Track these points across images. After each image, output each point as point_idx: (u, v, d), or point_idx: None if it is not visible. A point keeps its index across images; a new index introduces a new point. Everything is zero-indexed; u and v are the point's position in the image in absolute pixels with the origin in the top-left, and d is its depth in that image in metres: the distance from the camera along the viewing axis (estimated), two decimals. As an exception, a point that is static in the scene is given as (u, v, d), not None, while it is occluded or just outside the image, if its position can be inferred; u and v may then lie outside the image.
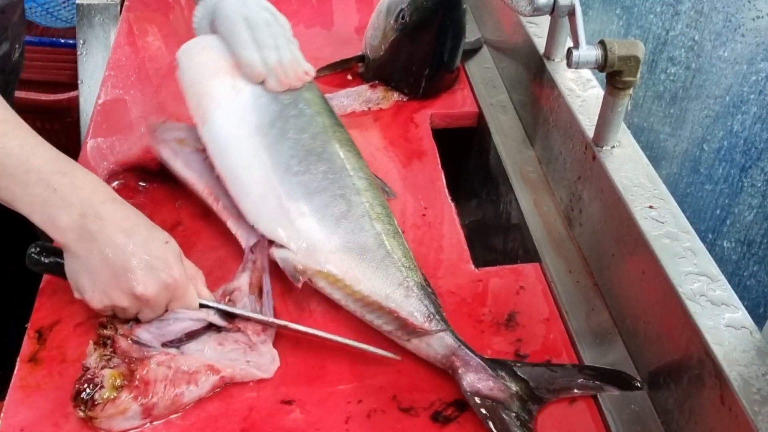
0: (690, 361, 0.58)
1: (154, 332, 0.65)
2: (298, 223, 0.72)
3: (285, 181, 0.74)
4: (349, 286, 0.69)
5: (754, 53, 0.97)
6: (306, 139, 0.77)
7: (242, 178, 0.75)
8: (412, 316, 0.66)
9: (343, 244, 0.71)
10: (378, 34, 1.01)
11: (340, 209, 0.73)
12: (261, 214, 0.73)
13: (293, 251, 0.71)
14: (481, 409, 0.62)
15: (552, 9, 0.78)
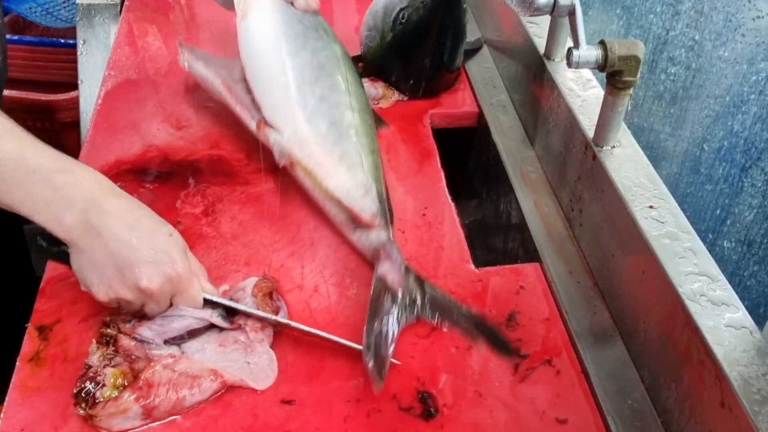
0: (690, 361, 0.58)
1: (157, 329, 0.65)
2: (296, 116, 0.84)
3: (296, 81, 0.86)
4: (319, 180, 0.81)
5: (754, 53, 0.97)
6: (321, 57, 0.89)
7: (262, 68, 0.88)
8: (363, 212, 0.78)
9: (326, 146, 0.82)
10: (375, 35, 1.01)
11: (334, 117, 0.85)
12: (268, 100, 0.86)
13: (284, 137, 0.83)
14: (374, 290, 0.71)
15: (552, 9, 0.78)
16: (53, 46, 1.62)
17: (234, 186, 0.86)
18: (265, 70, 0.87)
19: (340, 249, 0.79)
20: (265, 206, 0.84)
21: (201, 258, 0.77)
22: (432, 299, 0.73)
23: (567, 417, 0.64)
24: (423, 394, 0.65)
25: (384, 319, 0.68)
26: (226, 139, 0.94)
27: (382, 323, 0.68)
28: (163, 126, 0.95)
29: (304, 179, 0.82)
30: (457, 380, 0.66)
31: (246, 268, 0.76)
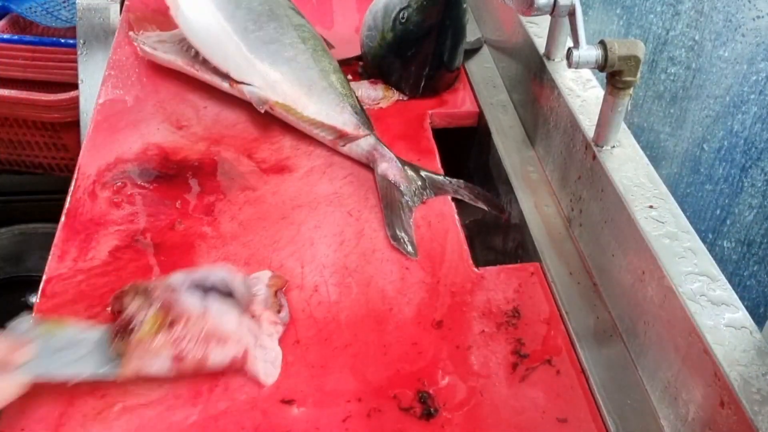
0: (690, 360, 0.59)
1: (185, 278, 0.67)
2: (259, 67, 0.93)
3: (245, 39, 0.95)
4: (299, 112, 0.91)
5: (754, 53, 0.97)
6: (255, 6, 0.98)
7: (212, 44, 0.96)
8: (345, 126, 0.89)
9: (294, 80, 0.93)
10: (375, 35, 1.01)
11: (290, 53, 0.95)
12: (230, 65, 0.95)
13: (258, 87, 0.93)
14: (381, 188, 0.85)
15: (552, 9, 0.78)
16: (53, 45, 1.62)
17: (234, 185, 0.86)
18: (214, 43, 0.95)
19: (340, 249, 0.79)
20: (265, 206, 0.84)
21: (200, 258, 0.77)
22: (431, 180, 0.87)
23: (567, 416, 0.64)
24: (423, 394, 0.65)
25: (398, 209, 0.82)
26: (226, 138, 0.94)
27: (397, 213, 0.82)
28: (164, 126, 0.95)
29: (287, 116, 0.92)
30: (457, 380, 0.66)
31: (246, 267, 0.76)
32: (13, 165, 1.66)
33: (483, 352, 0.69)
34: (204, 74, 0.98)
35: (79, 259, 0.76)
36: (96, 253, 0.77)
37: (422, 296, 0.74)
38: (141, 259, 0.77)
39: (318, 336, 0.70)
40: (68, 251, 0.77)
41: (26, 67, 1.64)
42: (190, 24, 0.97)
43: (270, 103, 0.92)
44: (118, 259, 0.77)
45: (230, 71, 0.95)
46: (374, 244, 0.80)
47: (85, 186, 0.85)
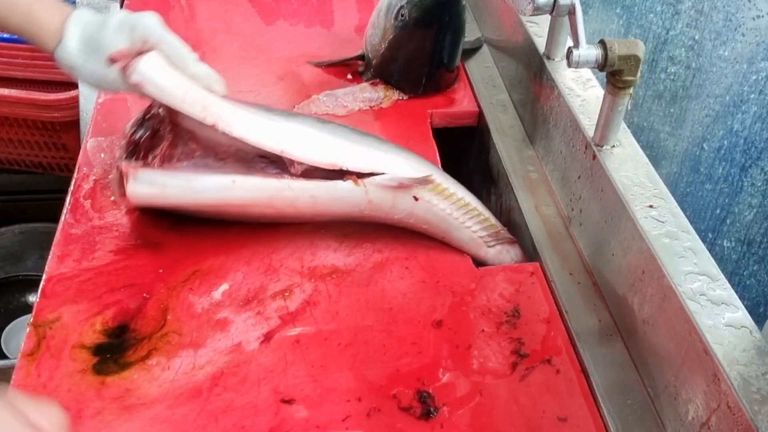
0: (690, 360, 0.59)
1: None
2: (382, 154, 0.77)
3: (324, 129, 0.77)
4: (453, 194, 0.77)
5: (754, 52, 0.97)
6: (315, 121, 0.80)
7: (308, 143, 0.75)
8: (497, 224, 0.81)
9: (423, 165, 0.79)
10: (378, 32, 1.01)
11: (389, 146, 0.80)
12: (345, 159, 0.74)
13: (392, 170, 0.75)
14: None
15: (552, 8, 0.78)
16: (53, 45, 1.62)
17: (234, 185, 0.86)
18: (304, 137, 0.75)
19: (339, 249, 0.79)
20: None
21: (200, 258, 0.77)
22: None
23: (567, 416, 0.64)
24: (423, 394, 0.65)
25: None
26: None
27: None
28: (163, 125, 0.95)
29: (433, 198, 0.76)
30: (456, 380, 0.66)
31: (246, 267, 0.76)
32: (12, 164, 1.66)
33: (483, 351, 0.69)
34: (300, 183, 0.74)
35: (79, 258, 0.76)
36: (96, 252, 0.77)
37: (422, 296, 0.74)
38: (141, 258, 0.77)
39: (318, 335, 0.70)
40: (68, 251, 0.77)
41: (26, 67, 1.64)
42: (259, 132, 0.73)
43: (430, 182, 0.75)
44: (118, 259, 0.77)
45: (349, 164, 0.73)
46: (375, 243, 0.80)
47: (85, 185, 0.85)
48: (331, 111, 0.99)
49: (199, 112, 0.72)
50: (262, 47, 1.13)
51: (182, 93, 0.72)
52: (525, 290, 0.75)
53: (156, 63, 0.72)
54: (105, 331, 0.69)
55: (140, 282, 0.74)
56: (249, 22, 1.20)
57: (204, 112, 0.72)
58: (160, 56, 0.73)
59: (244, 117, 0.74)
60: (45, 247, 0.78)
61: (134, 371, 0.66)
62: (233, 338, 0.69)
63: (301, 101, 1.00)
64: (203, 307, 0.72)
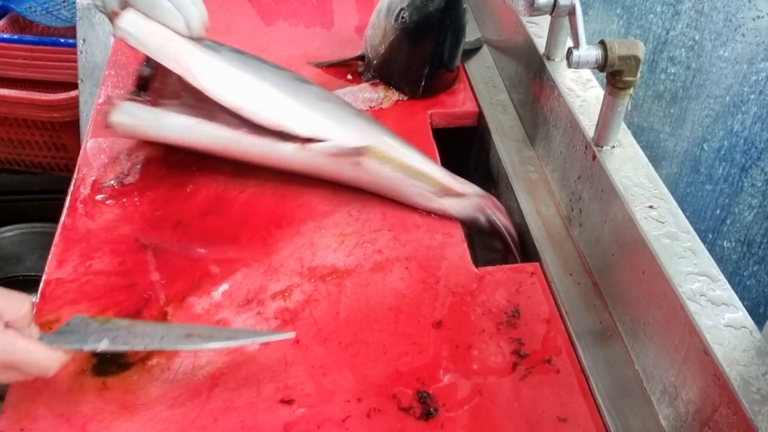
0: (690, 360, 0.59)
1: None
2: (327, 117, 0.81)
3: (295, 95, 0.82)
4: (397, 158, 0.81)
5: (754, 53, 0.97)
6: (278, 71, 0.86)
7: (261, 100, 0.81)
8: (444, 178, 0.83)
9: (375, 131, 0.83)
10: (378, 33, 1.01)
11: (352, 110, 0.86)
12: (292, 121, 0.80)
13: (338, 139, 0.80)
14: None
15: (552, 9, 0.78)
16: (53, 45, 1.62)
17: (235, 184, 0.86)
18: (263, 99, 0.81)
19: (339, 249, 0.79)
20: (266, 205, 0.84)
21: (200, 258, 0.77)
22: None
23: (567, 416, 0.64)
24: (423, 394, 0.65)
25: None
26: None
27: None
28: (163, 125, 0.95)
29: (378, 169, 0.82)
30: (456, 380, 0.66)
31: (245, 268, 0.76)
32: (12, 164, 1.66)
33: (483, 351, 0.69)
34: (250, 138, 0.80)
35: (79, 259, 0.76)
36: (96, 253, 0.77)
37: (422, 296, 0.74)
38: (142, 257, 0.77)
39: (318, 336, 0.70)
40: (68, 251, 0.77)
41: (26, 67, 1.64)
42: (211, 80, 0.80)
43: (365, 151, 0.80)
44: (118, 259, 0.77)
45: (295, 129, 0.80)
46: (374, 243, 0.80)
47: (85, 186, 0.85)
48: (331, 111, 0.99)
49: (171, 63, 0.79)
50: (262, 47, 1.13)
51: (157, 46, 0.79)
52: (525, 290, 0.75)
53: (132, 18, 0.79)
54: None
55: (140, 282, 0.74)
56: (249, 22, 1.20)
57: (175, 64, 0.79)
58: (135, 11, 0.79)
59: (210, 71, 0.80)
60: (45, 247, 0.78)
61: (134, 372, 0.66)
62: (233, 338, 0.69)
63: (301, 101, 1.00)
64: (203, 308, 0.72)
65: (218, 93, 0.80)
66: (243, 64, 0.83)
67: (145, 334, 0.62)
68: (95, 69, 1.30)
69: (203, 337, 0.63)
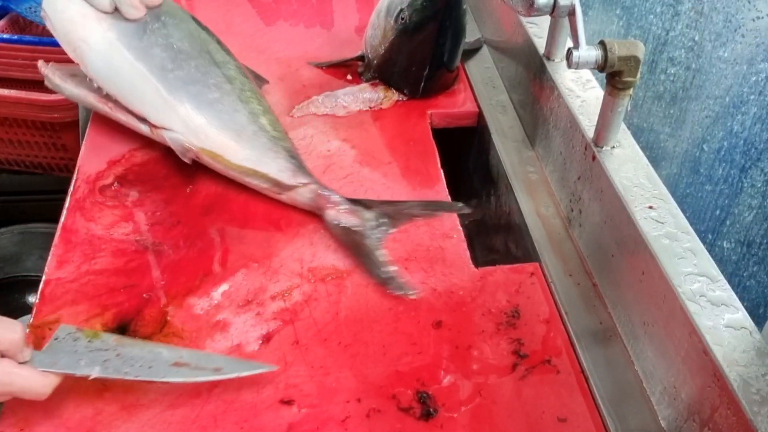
0: (690, 361, 0.59)
1: None
2: (180, 110, 0.83)
3: (162, 79, 0.84)
4: (227, 159, 0.83)
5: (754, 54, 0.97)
6: (174, 42, 0.86)
7: (127, 88, 0.85)
8: (281, 173, 0.82)
9: (220, 125, 0.83)
10: (378, 33, 1.01)
11: (214, 95, 0.85)
12: (148, 108, 0.85)
13: (180, 132, 0.83)
14: (341, 237, 0.80)
15: (552, 9, 0.78)
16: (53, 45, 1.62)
17: (235, 185, 0.86)
18: (128, 85, 0.85)
19: (340, 249, 0.79)
20: (265, 206, 0.84)
21: (200, 258, 0.77)
22: (383, 212, 0.81)
23: (566, 416, 0.64)
24: (422, 395, 0.65)
25: (368, 253, 0.77)
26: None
27: (369, 257, 0.77)
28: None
29: (214, 164, 0.84)
30: (456, 380, 0.66)
31: (245, 268, 0.76)
32: (12, 165, 1.66)
33: (482, 352, 0.69)
34: (119, 114, 0.88)
35: (79, 260, 0.76)
36: (95, 253, 0.77)
37: (422, 296, 0.74)
38: (141, 258, 0.77)
39: (318, 336, 0.70)
40: (68, 252, 0.77)
41: (26, 67, 1.64)
42: (96, 65, 0.85)
43: (194, 151, 0.84)
44: (118, 260, 0.77)
45: (148, 115, 0.85)
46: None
47: (85, 186, 0.85)
48: (331, 111, 0.99)
49: (71, 52, 0.85)
50: (262, 48, 1.13)
51: (63, 33, 0.85)
52: (525, 291, 0.75)
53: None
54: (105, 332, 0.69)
55: (140, 283, 0.74)
56: (249, 22, 1.20)
57: (73, 54, 0.85)
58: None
59: (97, 59, 0.84)
60: (44, 247, 0.78)
61: (134, 372, 0.65)
62: (233, 339, 0.69)
63: (301, 102, 1.00)
64: (203, 308, 0.72)
65: (100, 81, 0.86)
66: (139, 44, 0.85)
67: (134, 358, 0.63)
68: (95, 69, 1.30)
69: (191, 368, 0.63)
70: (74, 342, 0.62)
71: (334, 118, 0.98)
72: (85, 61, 0.85)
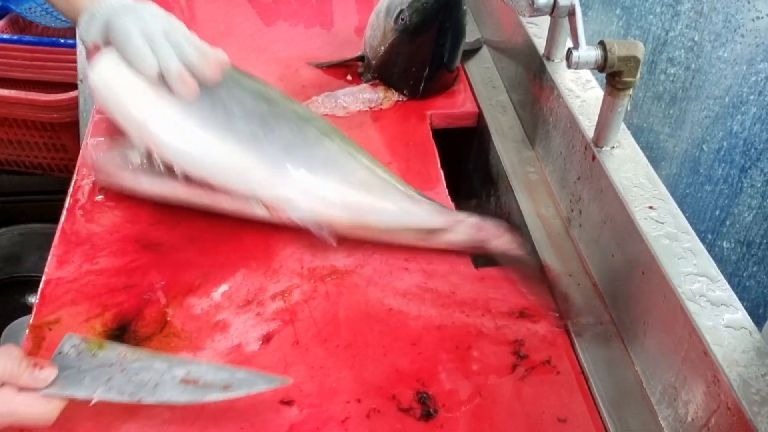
0: (689, 361, 0.59)
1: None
2: (294, 178, 0.73)
3: (259, 150, 0.73)
4: (372, 226, 0.73)
5: (753, 54, 0.97)
6: (249, 105, 0.76)
7: (221, 167, 0.73)
8: (432, 217, 0.74)
9: (344, 182, 0.73)
10: (377, 34, 1.01)
11: (321, 153, 0.76)
12: (257, 188, 0.73)
13: (304, 205, 0.72)
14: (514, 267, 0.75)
15: (552, 9, 0.78)
16: (53, 45, 1.62)
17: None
18: (226, 166, 0.73)
19: (339, 250, 0.79)
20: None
21: (200, 257, 0.77)
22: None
23: (566, 417, 0.64)
24: (422, 395, 0.65)
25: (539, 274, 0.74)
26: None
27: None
28: (163, 126, 0.95)
29: (355, 232, 0.74)
30: (456, 381, 0.66)
31: (245, 268, 0.76)
32: (12, 165, 1.66)
33: (482, 352, 0.69)
34: (221, 200, 0.75)
35: (79, 260, 0.76)
36: (95, 253, 0.77)
37: (422, 296, 0.74)
38: (141, 258, 0.77)
39: (318, 336, 0.70)
40: (67, 252, 0.77)
41: (25, 68, 1.64)
42: (182, 156, 0.72)
43: (335, 225, 0.73)
44: (117, 260, 0.76)
45: (259, 195, 0.73)
46: (374, 244, 0.80)
47: (85, 187, 0.85)
48: (330, 112, 0.99)
49: (136, 136, 0.72)
50: (262, 48, 1.13)
51: (122, 112, 0.72)
52: (524, 291, 0.75)
53: (107, 66, 0.71)
54: (105, 333, 0.69)
55: (140, 283, 0.74)
56: (249, 23, 1.20)
57: (140, 136, 0.72)
58: (111, 60, 0.71)
59: (173, 143, 0.72)
60: (44, 248, 0.78)
61: (134, 372, 0.65)
62: (233, 339, 0.69)
63: (301, 102, 1.00)
64: (203, 309, 0.72)
65: (185, 166, 0.73)
66: (215, 118, 0.73)
67: (139, 374, 0.59)
68: (95, 69, 1.30)
69: (198, 385, 0.59)
70: (78, 356, 0.60)
71: (333, 119, 0.98)
72: (157, 143, 0.72)
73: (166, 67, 0.70)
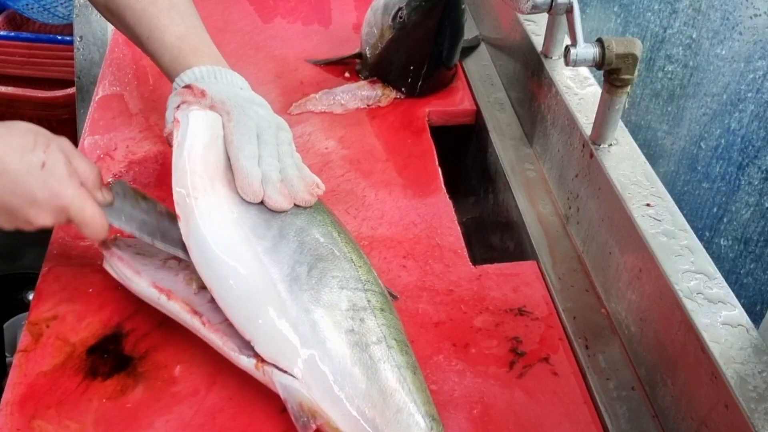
0: (687, 358, 0.59)
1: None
2: (307, 345, 0.59)
3: (290, 291, 0.60)
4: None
5: (751, 51, 0.97)
6: (310, 242, 0.64)
7: (236, 286, 0.61)
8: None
9: (358, 382, 0.57)
10: (375, 32, 1.00)
11: (349, 325, 0.60)
12: (259, 332, 0.59)
13: (299, 379, 0.58)
14: None
15: (550, 7, 0.78)
16: (50, 42, 1.62)
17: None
18: (242, 289, 0.61)
19: (337, 246, 0.79)
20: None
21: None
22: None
23: (564, 415, 0.64)
24: (420, 392, 0.65)
25: None
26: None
27: None
28: (160, 122, 0.95)
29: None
30: (454, 380, 0.66)
31: (243, 265, 0.76)
32: (9, 162, 1.65)
33: (480, 350, 0.69)
34: (210, 330, 0.62)
35: (76, 256, 0.76)
36: (93, 250, 0.77)
37: (420, 294, 0.74)
38: (138, 256, 0.77)
39: (315, 334, 0.69)
40: (65, 248, 0.77)
41: (23, 64, 1.64)
42: (205, 244, 0.62)
43: (318, 419, 0.56)
44: (115, 257, 0.76)
45: (257, 340, 0.59)
46: (371, 241, 0.80)
47: (82, 183, 0.85)
48: (328, 109, 0.99)
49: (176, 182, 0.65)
50: (260, 45, 1.13)
51: (190, 165, 0.65)
52: (522, 288, 0.76)
53: (204, 121, 0.66)
54: (102, 329, 0.69)
55: (137, 280, 0.74)
56: (246, 19, 1.20)
57: (182, 191, 0.64)
58: (215, 119, 0.66)
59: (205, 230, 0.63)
60: (42, 244, 0.78)
61: (131, 370, 0.65)
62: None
63: (299, 99, 1.00)
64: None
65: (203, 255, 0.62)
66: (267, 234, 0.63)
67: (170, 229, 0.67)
68: (92, 66, 1.30)
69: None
70: (124, 196, 0.69)
71: (331, 116, 0.98)
72: (196, 209, 0.63)
73: (267, 175, 0.64)
